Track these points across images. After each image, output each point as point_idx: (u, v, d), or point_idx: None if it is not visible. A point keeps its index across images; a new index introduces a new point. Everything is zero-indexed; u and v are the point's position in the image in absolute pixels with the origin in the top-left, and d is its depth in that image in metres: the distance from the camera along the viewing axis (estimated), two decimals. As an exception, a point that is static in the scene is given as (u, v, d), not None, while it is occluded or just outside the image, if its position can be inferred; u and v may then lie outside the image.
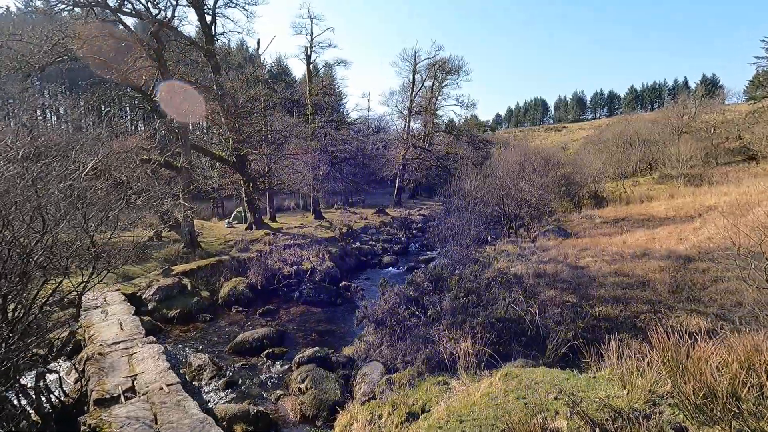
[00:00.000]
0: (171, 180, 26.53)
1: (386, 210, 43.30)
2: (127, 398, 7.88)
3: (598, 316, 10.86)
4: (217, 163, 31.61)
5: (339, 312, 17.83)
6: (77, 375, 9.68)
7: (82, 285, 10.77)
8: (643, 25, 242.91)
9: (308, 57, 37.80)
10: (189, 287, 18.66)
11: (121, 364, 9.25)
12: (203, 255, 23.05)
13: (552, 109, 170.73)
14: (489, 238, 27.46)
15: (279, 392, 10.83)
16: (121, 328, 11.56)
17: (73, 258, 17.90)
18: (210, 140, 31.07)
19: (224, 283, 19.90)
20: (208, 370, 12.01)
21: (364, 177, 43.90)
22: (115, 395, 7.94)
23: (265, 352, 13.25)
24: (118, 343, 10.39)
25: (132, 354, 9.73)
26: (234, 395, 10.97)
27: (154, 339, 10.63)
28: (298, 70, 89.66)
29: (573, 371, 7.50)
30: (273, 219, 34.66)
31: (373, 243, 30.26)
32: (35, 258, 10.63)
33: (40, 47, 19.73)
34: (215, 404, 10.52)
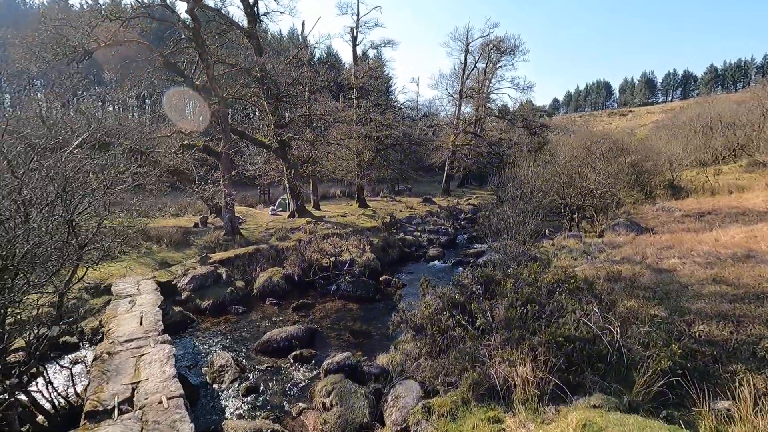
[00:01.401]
0: (215, 167, 26.25)
1: (433, 199, 41.24)
2: (121, 412, 6.82)
3: (699, 338, 8.48)
4: (263, 150, 31.13)
5: (377, 310, 16.35)
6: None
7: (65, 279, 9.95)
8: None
9: (354, 38, 36.28)
10: (224, 276, 18.00)
11: (127, 367, 8.30)
12: (243, 243, 22.47)
13: (617, 92, 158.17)
14: (546, 231, 24.77)
15: (302, 405, 9.53)
16: (140, 323, 10.75)
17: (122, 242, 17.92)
18: (252, 125, 30.55)
19: (260, 273, 19.09)
20: (230, 372, 10.98)
21: (410, 164, 42.00)
22: (109, 407, 6.92)
23: (293, 354, 12.04)
24: (132, 340, 9.52)
25: (142, 355, 8.78)
26: (254, 403, 9.83)
27: (168, 338, 9.67)
28: (345, 53, 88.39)
29: (681, 426, 5.42)
30: (316, 207, 33.86)
31: (418, 234, 28.48)
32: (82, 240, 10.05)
33: (87, 31, 19.65)
34: (233, 412, 9.42)
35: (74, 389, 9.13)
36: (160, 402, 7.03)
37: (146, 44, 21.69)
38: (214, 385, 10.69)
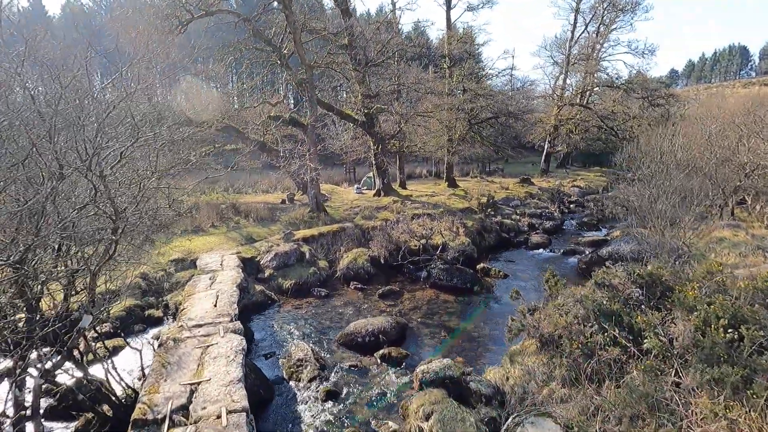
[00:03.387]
0: (301, 142, 25.41)
1: (531, 180, 36.91)
2: (173, 423, 5.34)
3: None
4: (349, 124, 29.77)
5: (475, 304, 13.87)
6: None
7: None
8: None
9: (449, 0, 32.93)
10: (307, 255, 16.80)
11: (190, 360, 6.97)
12: (327, 221, 21.28)
13: (756, 58, 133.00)
14: (687, 218, 19.92)
15: (392, 425, 7.55)
16: (215, 304, 9.60)
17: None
18: (338, 98, 29.23)
19: (344, 254, 17.61)
20: (309, 368, 9.42)
21: (506, 141, 37.93)
22: (159, 416, 5.52)
23: (380, 352, 10.15)
24: (201, 326, 8.30)
25: (208, 346, 7.44)
26: (334, 412, 8.10)
27: (240, 326, 8.28)
28: (436, 19, 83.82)
29: None
30: (403, 186, 31.87)
31: (517, 218, 25.07)
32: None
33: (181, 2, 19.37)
34: (310, 423, 7.77)
35: (142, 371, 8.16)
36: (219, 417, 5.46)
37: (235, 13, 21.02)
38: (290, 382, 9.21)
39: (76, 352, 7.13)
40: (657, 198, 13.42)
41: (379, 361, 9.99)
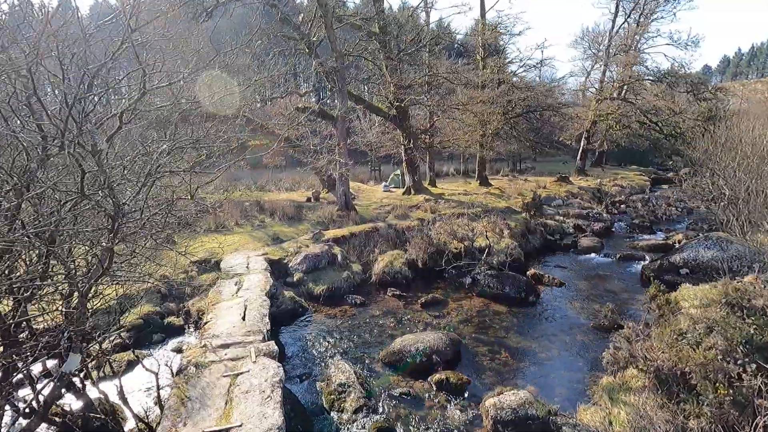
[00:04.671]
0: (328, 137, 23.99)
1: (569, 178, 34.66)
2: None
3: None
4: (377, 117, 28.26)
5: (533, 317, 12.13)
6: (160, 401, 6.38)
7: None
8: None
9: (483, -13, 31.00)
10: (339, 258, 15.34)
11: (215, 394, 5.53)
12: (358, 220, 19.80)
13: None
14: None
15: (467, 482, 5.95)
16: (243, 317, 8.19)
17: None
18: (368, 91, 27.73)
19: (379, 256, 16.08)
20: (353, 395, 7.90)
21: (541, 137, 35.75)
22: (176, 484, 4.03)
23: (435, 377, 8.56)
24: (228, 346, 6.88)
25: (238, 374, 5.99)
26: (389, 458, 6.56)
27: (275, 348, 6.80)
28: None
29: None
30: (433, 184, 30.18)
31: (561, 219, 23.10)
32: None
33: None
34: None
35: (158, 398, 6.76)
36: (255, 488, 3.95)
37: (262, -1, 19.71)
38: (332, 413, 7.72)
39: (77, 378, 5.78)
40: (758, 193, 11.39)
41: (434, 387, 8.40)
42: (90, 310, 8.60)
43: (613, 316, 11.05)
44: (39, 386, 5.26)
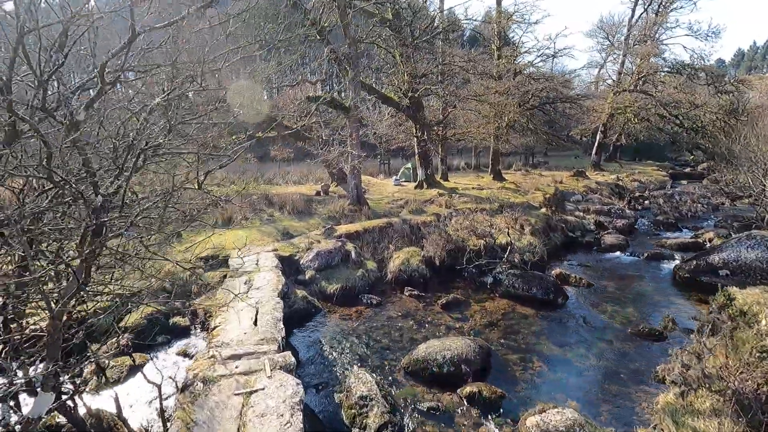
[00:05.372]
0: (337, 129, 23.09)
1: (585, 173, 33.55)
2: None
3: None
4: (389, 109, 27.32)
5: (564, 321, 11.26)
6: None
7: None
8: None
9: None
10: (353, 255, 14.54)
11: (225, 418, 4.76)
12: (370, 215, 18.98)
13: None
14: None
15: None
16: (254, 321, 7.43)
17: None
18: (380, 81, 26.75)
19: (394, 253, 15.28)
20: (376, 410, 7.12)
21: (556, 130, 34.64)
22: None
23: (466, 390, 7.75)
24: (239, 357, 6.10)
25: (251, 393, 5.20)
26: (421, 486, 5.77)
27: (292, 360, 6.02)
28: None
29: None
30: (445, 178, 29.23)
31: (581, 215, 22.13)
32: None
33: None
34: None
35: (162, 415, 6.01)
36: None
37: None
38: (353, 430, 6.94)
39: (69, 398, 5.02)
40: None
41: (465, 402, 7.60)
42: (85, 314, 7.90)
43: (672, 326, 10.23)
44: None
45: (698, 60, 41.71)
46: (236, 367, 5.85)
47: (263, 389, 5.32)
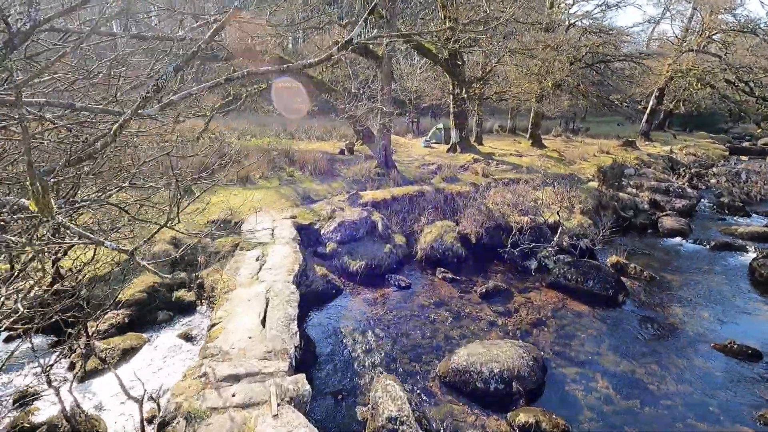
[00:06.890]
0: (366, 82, 20.78)
1: (635, 143, 30.41)
2: None
3: None
4: (419, 62, 24.75)
5: (627, 324, 9.53)
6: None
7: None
8: None
9: None
10: (380, 227, 12.94)
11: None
12: (399, 180, 17.16)
13: None
14: None
15: None
16: (262, 319, 5.99)
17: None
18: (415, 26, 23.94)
19: (425, 227, 13.62)
20: (407, 437, 5.73)
21: (608, 93, 31.17)
22: None
23: (520, 418, 6.26)
24: (238, 379, 4.68)
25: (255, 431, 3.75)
26: None
27: (306, 390, 4.60)
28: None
29: None
30: (479, 141, 26.81)
31: (633, 191, 19.74)
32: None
33: None
34: None
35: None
36: None
37: None
38: (379, 462, 5.59)
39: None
40: None
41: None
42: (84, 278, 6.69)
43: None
44: None
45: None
46: (233, 396, 4.43)
47: (267, 436, 3.90)
